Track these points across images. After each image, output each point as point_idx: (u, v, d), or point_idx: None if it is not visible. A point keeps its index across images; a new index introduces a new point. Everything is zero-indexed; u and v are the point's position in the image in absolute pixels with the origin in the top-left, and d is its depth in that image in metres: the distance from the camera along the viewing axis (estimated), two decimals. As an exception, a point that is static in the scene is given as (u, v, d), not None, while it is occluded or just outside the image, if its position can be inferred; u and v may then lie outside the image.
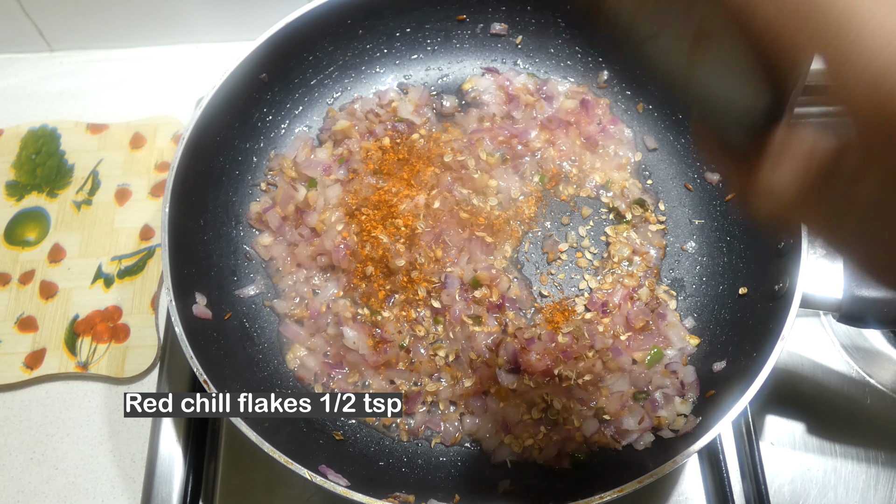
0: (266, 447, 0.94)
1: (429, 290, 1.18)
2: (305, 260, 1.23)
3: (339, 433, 1.12)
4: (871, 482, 1.16)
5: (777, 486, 1.16)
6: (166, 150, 1.46)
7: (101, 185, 1.43)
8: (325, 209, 1.25)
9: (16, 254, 1.37)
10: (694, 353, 1.17)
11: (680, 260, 1.26)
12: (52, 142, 1.48)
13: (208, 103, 1.16)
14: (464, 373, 1.15)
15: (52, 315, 1.31)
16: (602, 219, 1.30)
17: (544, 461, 1.09)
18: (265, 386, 1.15)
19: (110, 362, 1.27)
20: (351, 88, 1.39)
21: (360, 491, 0.93)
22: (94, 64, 1.60)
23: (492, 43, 1.40)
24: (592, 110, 1.34)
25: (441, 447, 1.13)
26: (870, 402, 1.22)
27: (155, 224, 1.39)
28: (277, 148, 1.33)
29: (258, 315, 1.22)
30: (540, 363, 1.12)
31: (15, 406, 1.26)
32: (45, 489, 1.20)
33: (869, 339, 1.26)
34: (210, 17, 1.55)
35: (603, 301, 1.19)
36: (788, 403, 1.22)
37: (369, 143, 1.30)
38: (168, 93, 1.54)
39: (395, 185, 1.24)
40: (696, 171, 1.30)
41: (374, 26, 1.34)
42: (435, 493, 1.02)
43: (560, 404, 1.10)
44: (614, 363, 1.13)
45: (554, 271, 1.25)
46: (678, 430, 1.07)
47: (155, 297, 1.33)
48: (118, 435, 1.23)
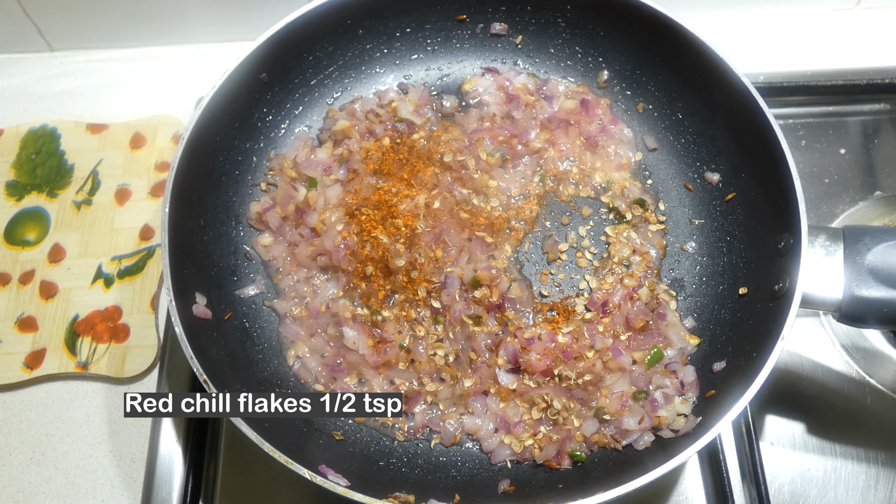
0: (266, 447, 0.94)
1: (429, 290, 1.18)
2: (305, 260, 1.23)
3: (339, 433, 1.12)
4: (871, 482, 1.16)
5: (777, 486, 1.16)
6: (166, 150, 1.46)
7: (101, 185, 1.43)
8: (325, 209, 1.25)
9: (16, 254, 1.37)
10: (694, 353, 1.17)
11: (680, 260, 1.26)
12: (52, 142, 1.48)
13: (208, 103, 1.16)
14: (464, 373, 1.15)
15: (52, 315, 1.31)
16: (602, 219, 1.30)
17: (544, 461, 1.09)
18: (265, 386, 1.15)
19: (110, 362, 1.27)
20: (351, 88, 1.39)
21: (360, 491, 0.93)
22: (94, 64, 1.60)
23: (492, 43, 1.40)
24: (592, 110, 1.34)
25: (441, 447, 1.13)
26: (870, 402, 1.22)
27: (155, 224, 1.39)
28: (277, 148, 1.33)
29: (258, 315, 1.22)
30: (540, 363, 1.12)
31: (15, 406, 1.26)
32: (45, 489, 1.20)
33: (869, 339, 1.26)
34: (210, 17, 1.55)
35: (603, 301, 1.19)
36: (788, 403, 1.22)
37: (369, 143, 1.30)
38: (168, 93, 1.54)
39: (395, 185, 1.24)
40: (696, 171, 1.30)
41: (374, 26, 1.34)
42: (435, 493, 1.02)
43: (560, 404, 1.10)
44: (614, 363, 1.13)
45: (554, 271, 1.25)
46: (678, 430, 1.07)
47: (155, 297, 1.33)
48: (118, 435, 1.23)
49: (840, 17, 1.63)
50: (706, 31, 1.19)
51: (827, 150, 1.44)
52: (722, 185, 1.26)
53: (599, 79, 1.38)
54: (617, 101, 1.37)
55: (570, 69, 1.39)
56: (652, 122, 1.35)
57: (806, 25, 1.61)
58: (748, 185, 1.21)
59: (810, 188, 1.39)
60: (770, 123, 1.11)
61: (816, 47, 1.58)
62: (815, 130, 1.46)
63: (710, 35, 1.19)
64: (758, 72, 1.46)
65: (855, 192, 1.39)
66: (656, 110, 1.34)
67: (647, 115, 1.35)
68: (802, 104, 1.47)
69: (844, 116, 1.47)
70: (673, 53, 1.25)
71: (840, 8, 1.64)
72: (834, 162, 1.43)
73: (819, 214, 1.37)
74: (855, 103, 1.48)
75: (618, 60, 1.35)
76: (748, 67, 1.20)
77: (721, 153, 1.26)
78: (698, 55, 1.20)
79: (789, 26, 1.61)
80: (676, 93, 1.30)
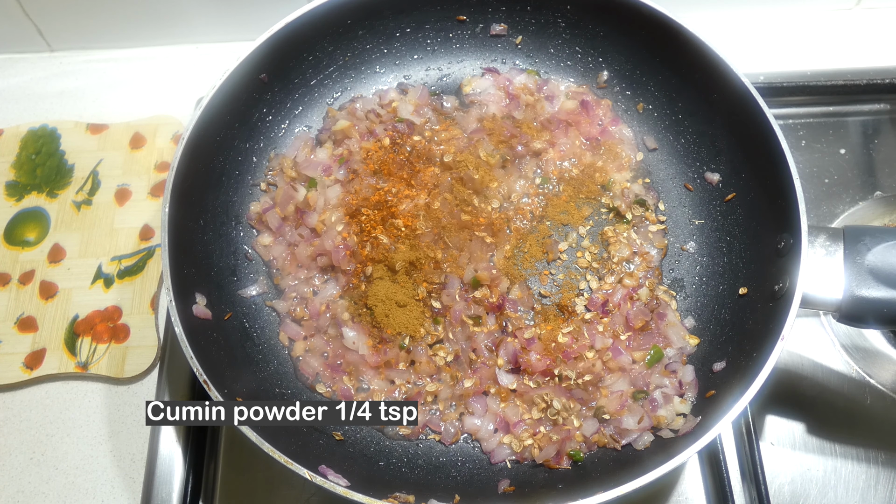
0: (266, 447, 0.94)
1: (429, 290, 1.18)
2: (305, 260, 1.23)
3: (339, 433, 1.12)
4: (871, 482, 1.16)
5: (777, 486, 1.16)
6: (166, 150, 1.46)
7: (101, 185, 1.43)
8: (325, 209, 1.25)
9: (16, 254, 1.37)
10: (694, 353, 1.17)
11: (680, 260, 1.26)
12: (52, 142, 1.48)
13: (208, 103, 1.16)
14: (464, 373, 1.15)
15: (51, 315, 1.31)
16: (602, 219, 1.30)
17: (544, 461, 1.09)
18: (265, 386, 1.15)
19: (110, 362, 1.27)
20: (351, 88, 1.39)
21: (360, 491, 0.93)
22: (94, 64, 1.60)
23: (492, 43, 1.40)
24: (593, 111, 1.34)
25: (441, 447, 1.13)
26: (870, 402, 1.22)
27: (155, 224, 1.39)
28: (277, 148, 1.33)
29: (258, 315, 1.22)
30: (540, 363, 1.12)
31: (15, 406, 1.26)
32: (45, 489, 1.20)
33: (869, 339, 1.26)
34: (210, 17, 1.55)
35: (603, 301, 1.19)
36: (788, 403, 1.22)
37: (369, 143, 1.30)
38: (168, 93, 1.54)
39: (396, 186, 1.24)
40: (696, 171, 1.30)
41: (374, 26, 1.34)
42: (435, 493, 1.02)
43: (560, 404, 1.10)
44: (614, 363, 1.13)
45: (554, 271, 1.25)
46: (678, 430, 1.08)
47: (155, 297, 1.33)
48: (118, 435, 1.23)
49: (840, 17, 1.63)
50: (706, 31, 1.19)
51: (827, 150, 1.44)
52: (722, 185, 1.26)
53: (599, 79, 1.38)
54: (617, 101, 1.37)
55: (570, 69, 1.39)
56: (652, 122, 1.35)
57: (806, 25, 1.61)
58: (748, 185, 1.21)
59: (810, 188, 1.39)
60: (770, 123, 1.11)
61: (816, 47, 1.58)
62: (815, 130, 1.46)
63: (710, 35, 1.19)
64: (758, 72, 1.46)
65: (855, 192, 1.39)
66: (656, 110, 1.34)
67: (647, 115, 1.35)
68: (802, 104, 1.47)
69: (844, 116, 1.47)
70: (673, 53, 1.25)
71: (840, 8, 1.64)
72: (834, 162, 1.43)
73: (819, 214, 1.37)
74: (855, 103, 1.48)
75: (618, 60, 1.35)
76: (748, 67, 1.20)
77: (721, 153, 1.26)
78: (698, 55, 1.20)
79: (789, 26, 1.61)
80: (676, 93, 1.30)
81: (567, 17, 1.34)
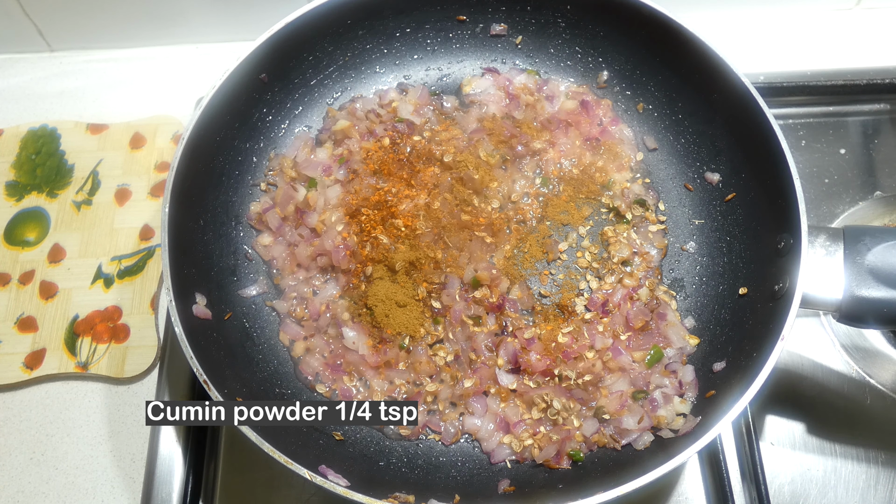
0: (266, 447, 0.94)
1: (429, 290, 1.18)
2: (305, 260, 1.23)
3: (339, 433, 1.12)
4: (871, 482, 1.16)
5: (777, 486, 1.16)
6: (166, 150, 1.46)
7: (101, 185, 1.43)
8: (325, 209, 1.25)
9: (16, 254, 1.37)
10: (694, 353, 1.17)
11: (680, 260, 1.26)
12: (52, 142, 1.48)
13: (208, 103, 1.16)
14: (464, 373, 1.15)
15: (51, 315, 1.31)
16: (602, 219, 1.30)
17: (544, 461, 1.09)
18: (265, 386, 1.15)
19: (110, 362, 1.27)
20: (351, 88, 1.39)
21: (360, 491, 0.93)
22: (94, 64, 1.60)
23: (492, 43, 1.40)
24: (593, 111, 1.34)
25: (441, 447, 1.13)
26: (870, 402, 1.22)
27: (155, 224, 1.39)
28: (277, 148, 1.33)
29: (258, 315, 1.22)
30: (540, 363, 1.12)
31: (15, 406, 1.26)
32: (45, 489, 1.20)
33: (869, 339, 1.26)
34: (210, 17, 1.55)
35: (603, 301, 1.19)
36: (788, 403, 1.22)
37: (369, 143, 1.30)
38: (168, 93, 1.54)
39: (396, 186, 1.24)
40: (696, 171, 1.30)
41: (374, 26, 1.34)
42: (435, 493, 1.02)
43: (560, 404, 1.10)
44: (614, 363, 1.13)
45: (554, 271, 1.25)
46: (678, 430, 1.07)
47: (155, 297, 1.33)
48: (118, 435, 1.23)
49: (840, 17, 1.63)
50: (706, 31, 1.19)
51: (827, 150, 1.44)
52: (722, 185, 1.26)
53: (599, 79, 1.38)
54: (617, 101, 1.37)
55: (570, 69, 1.39)
56: (652, 122, 1.35)
57: (806, 25, 1.61)
58: (748, 185, 1.21)
59: (810, 188, 1.39)
60: (770, 123, 1.11)
61: (816, 47, 1.58)
62: (815, 130, 1.46)
63: (710, 35, 1.19)
64: (758, 72, 1.46)
65: (855, 192, 1.39)
66: (656, 110, 1.34)
67: (647, 115, 1.35)
68: (802, 104, 1.47)
69: (844, 116, 1.47)
70: (673, 53, 1.25)
71: (840, 8, 1.64)
72: (834, 162, 1.43)
73: (819, 214, 1.37)
74: (855, 103, 1.48)
75: (618, 60, 1.35)
76: (748, 67, 1.20)
77: (721, 153, 1.26)
78: (698, 55, 1.20)
79: (789, 26, 1.61)
80: (676, 93, 1.30)
81: (567, 17, 1.34)
